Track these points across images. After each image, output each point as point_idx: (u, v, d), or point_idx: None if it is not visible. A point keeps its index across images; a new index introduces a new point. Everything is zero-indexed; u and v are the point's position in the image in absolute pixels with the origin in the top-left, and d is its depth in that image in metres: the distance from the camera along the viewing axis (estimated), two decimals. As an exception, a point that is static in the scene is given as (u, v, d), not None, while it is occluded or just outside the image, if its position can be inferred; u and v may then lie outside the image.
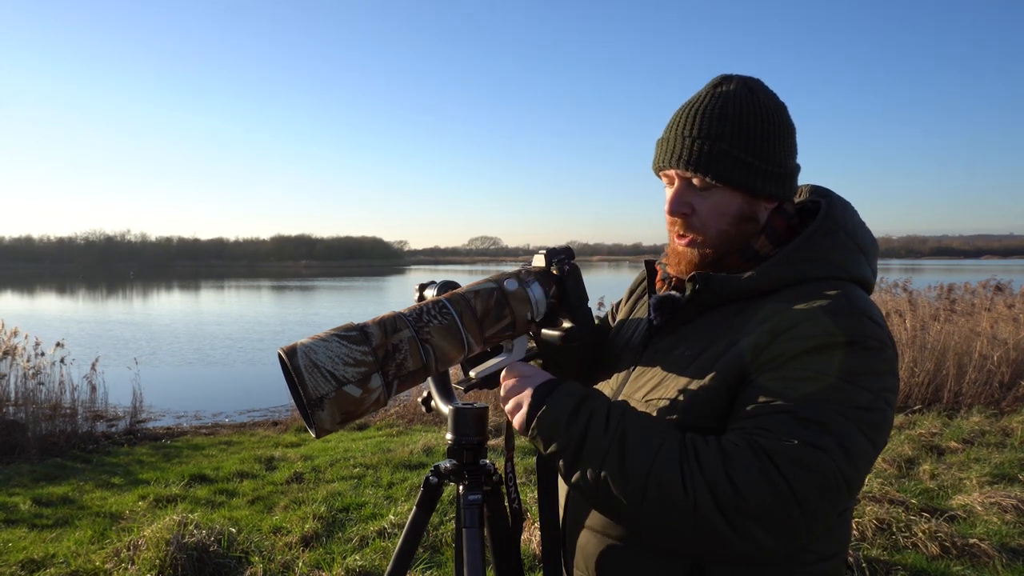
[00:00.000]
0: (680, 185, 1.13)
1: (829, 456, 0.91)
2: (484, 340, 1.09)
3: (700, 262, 1.14)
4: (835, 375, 0.95)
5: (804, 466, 0.90)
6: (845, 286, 1.05)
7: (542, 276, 1.15)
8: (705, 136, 1.09)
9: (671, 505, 0.92)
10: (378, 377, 0.98)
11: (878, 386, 0.97)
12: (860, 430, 0.93)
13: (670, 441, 0.96)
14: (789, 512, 0.90)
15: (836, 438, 0.92)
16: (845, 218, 1.13)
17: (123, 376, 8.30)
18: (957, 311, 8.47)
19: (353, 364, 0.96)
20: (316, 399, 0.93)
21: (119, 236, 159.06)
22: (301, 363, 0.94)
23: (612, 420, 0.99)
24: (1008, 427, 5.81)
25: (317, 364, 0.94)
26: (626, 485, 0.94)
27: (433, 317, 1.05)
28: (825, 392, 0.94)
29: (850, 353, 0.97)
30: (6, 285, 49.37)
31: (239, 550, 3.49)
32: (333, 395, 0.94)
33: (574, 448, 0.99)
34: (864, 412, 0.94)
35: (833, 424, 0.93)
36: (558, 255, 1.16)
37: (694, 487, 0.91)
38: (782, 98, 1.15)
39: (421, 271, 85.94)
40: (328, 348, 0.96)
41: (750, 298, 1.09)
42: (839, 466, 0.91)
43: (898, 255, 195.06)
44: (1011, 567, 3.19)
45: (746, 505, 0.90)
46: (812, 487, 0.90)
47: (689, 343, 1.11)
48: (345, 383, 0.95)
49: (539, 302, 1.13)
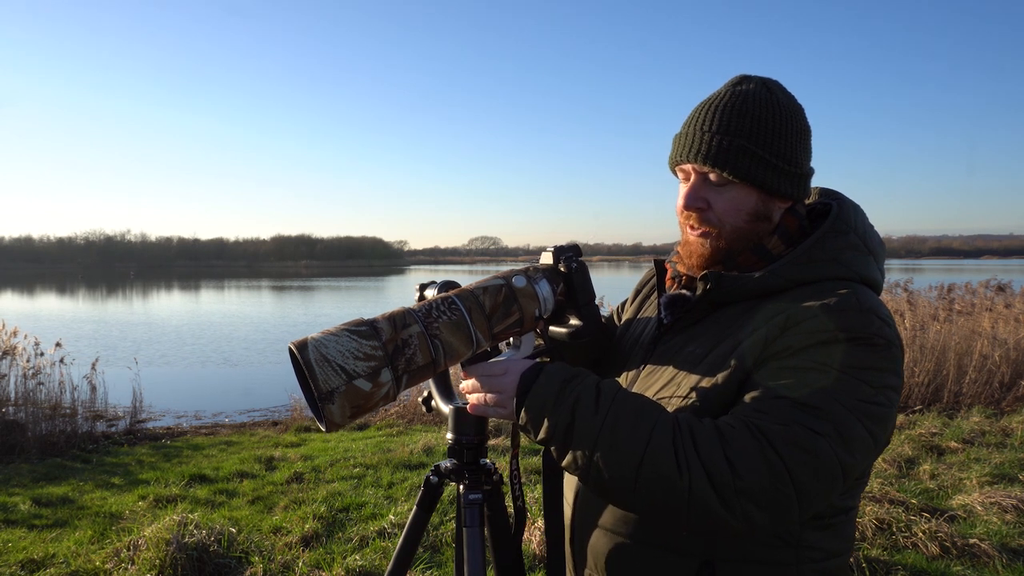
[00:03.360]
0: (696, 180, 1.13)
1: (826, 440, 0.92)
2: (492, 336, 1.09)
3: (712, 256, 1.14)
4: (838, 367, 0.96)
5: (801, 447, 0.91)
6: (855, 286, 1.06)
7: (550, 273, 1.16)
8: (724, 132, 1.09)
9: (665, 486, 0.92)
10: (388, 371, 0.98)
11: (880, 382, 0.97)
12: (859, 420, 0.94)
13: (663, 422, 0.96)
14: (785, 491, 0.91)
15: (834, 424, 0.93)
16: (855, 220, 1.14)
17: (123, 376, 8.30)
18: (957, 311, 8.47)
19: (363, 358, 0.96)
20: (327, 393, 0.94)
21: (119, 236, 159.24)
22: (312, 357, 0.94)
23: (603, 401, 0.98)
24: (1008, 427, 5.82)
25: (328, 358, 0.95)
26: (619, 467, 0.94)
27: (443, 313, 1.05)
28: (827, 382, 0.95)
29: (855, 348, 0.97)
30: (6, 285, 49.37)
31: (239, 550, 3.49)
32: (343, 389, 0.95)
33: (563, 430, 0.98)
34: (864, 404, 0.95)
35: (832, 411, 0.94)
36: (566, 252, 1.16)
37: (689, 468, 0.91)
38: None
39: (421, 271, 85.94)
40: (339, 342, 0.97)
41: (761, 297, 1.09)
42: (835, 450, 0.92)
43: (898, 255, 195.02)
44: (1011, 567, 3.19)
45: (742, 484, 0.90)
46: (808, 468, 0.91)
47: (699, 341, 1.11)
48: (355, 377, 0.95)
49: (547, 299, 1.14)
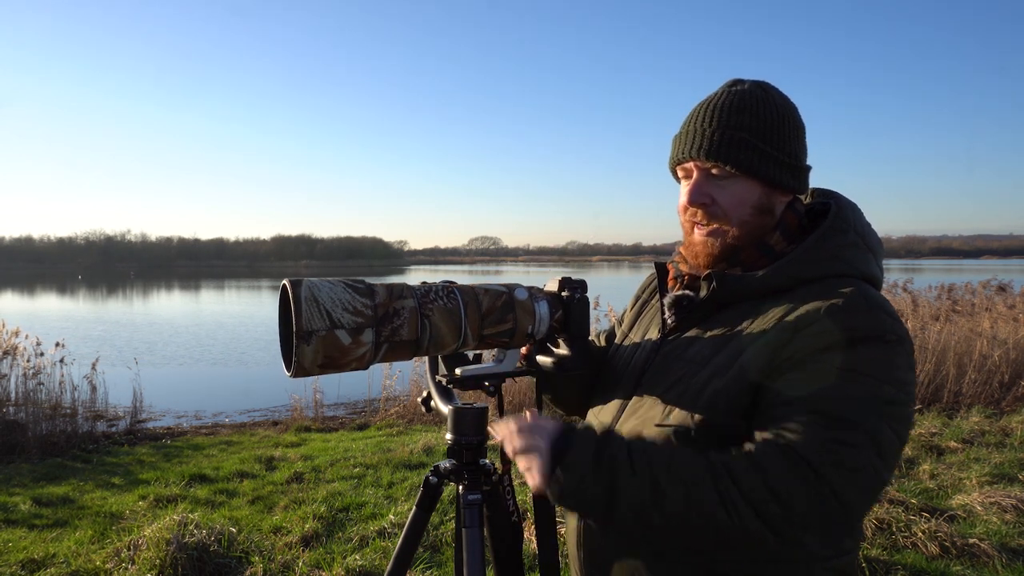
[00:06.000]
0: (699, 176, 1.13)
1: (863, 453, 0.92)
2: (481, 338, 1.09)
3: (720, 253, 1.14)
4: (857, 370, 0.96)
5: (842, 466, 0.91)
6: (858, 283, 1.06)
7: (552, 298, 1.17)
8: (725, 126, 1.10)
9: (716, 528, 0.92)
10: (371, 333, 0.98)
11: (900, 379, 0.97)
12: (887, 424, 0.94)
13: (700, 468, 0.95)
14: (833, 513, 0.91)
15: (867, 434, 0.93)
16: (854, 218, 1.14)
17: (123, 376, 8.31)
18: (957, 311, 8.47)
19: (352, 312, 0.97)
20: (306, 333, 0.93)
21: (119, 236, 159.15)
22: (303, 294, 0.94)
23: (637, 459, 0.96)
24: (1008, 427, 5.82)
25: (318, 300, 0.95)
26: (668, 521, 0.94)
27: (439, 297, 1.06)
28: (849, 388, 0.95)
29: (870, 348, 0.97)
30: (6, 285, 49.37)
31: (239, 550, 3.49)
32: (323, 333, 0.94)
33: (605, 493, 0.96)
34: (889, 406, 0.95)
35: (862, 420, 0.93)
36: (572, 284, 1.17)
37: (736, 509, 0.91)
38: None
39: (421, 271, 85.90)
40: (332, 290, 0.97)
41: (765, 296, 1.09)
42: (873, 462, 0.92)
43: (898, 255, 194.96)
44: (1011, 567, 3.19)
45: (791, 514, 0.91)
46: (853, 486, 0.91)
47: (705, 342, 1.11)
48: (338, 327, 0.95)
49: (543, 319, 1.14)
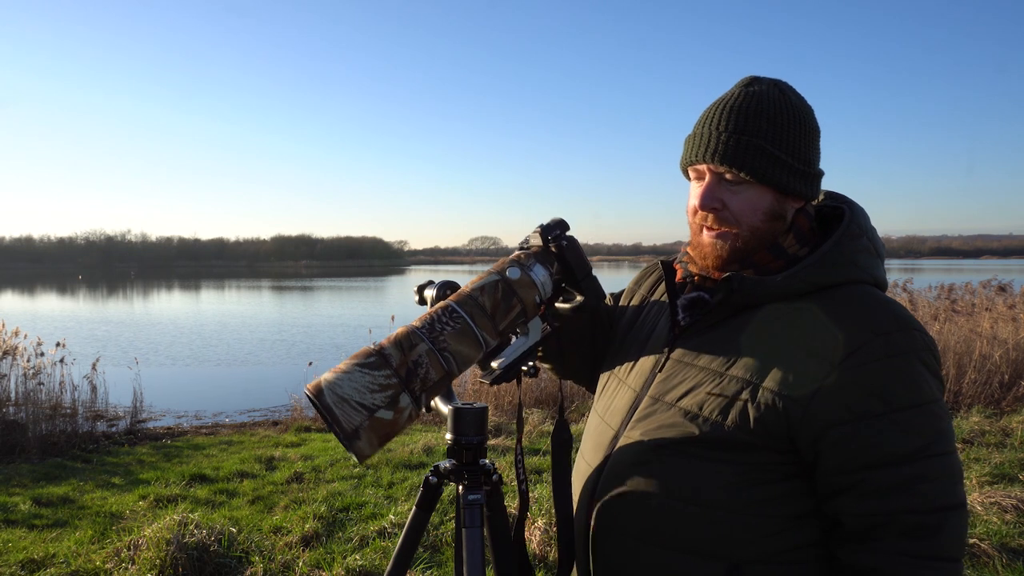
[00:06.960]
0: (711, 180, 1.12)
1: (952, 546, 0.97)
2: (499, 333, 1.09)
3: (729, 257, 1.12)
4: (922, 439, 0.98)
5: (946, 560, 0.96)
6: (874, 291, 1.07)
7: (542, 256, 1.14)
8: (741, 131, 1.08)
9: None
10: (406, 396, 0.99)
11: (946, 430, 1.01)
12: (957, 483, 0.99)
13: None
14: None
15: (950, 546, 0.97)
16: (865, 224, 1.14)
17: (123, 376, 8.29)
18: (957, 311, 8.47)
19: (379, 390, 0.98)
20: (351, 431, 0.95)
21: (119, 236, 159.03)
22: (329, 400, 0.95)
23: None
24: (1008, 427, 5.82)
25: (345, 398, 0.96)
26: None
27: (446, 324, 1.05)
28: (924, 467, 0.97)
29: (922, 382, 1.01)
30: (6, 285, 49.38)
31: (239, 550, 3.49)
32: (367, 424, 0.96)
33: None
34: (956, 481, 0.99)
35: (945, 525, 0.96)
36: (553, 231, 1.13)
37: None
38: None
39: (421, 271, 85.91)
40: (352, 380, 0.97)
41: (783, 300, 1.08)
42: (961, 535, 0.98)
43: (897, 255, 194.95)
44: (1011, 567, 3.19)
45: None
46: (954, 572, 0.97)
47: (721, 348, 1.10)
48: (376, 409, 0.97)
49: (544, 283, 1.13)
